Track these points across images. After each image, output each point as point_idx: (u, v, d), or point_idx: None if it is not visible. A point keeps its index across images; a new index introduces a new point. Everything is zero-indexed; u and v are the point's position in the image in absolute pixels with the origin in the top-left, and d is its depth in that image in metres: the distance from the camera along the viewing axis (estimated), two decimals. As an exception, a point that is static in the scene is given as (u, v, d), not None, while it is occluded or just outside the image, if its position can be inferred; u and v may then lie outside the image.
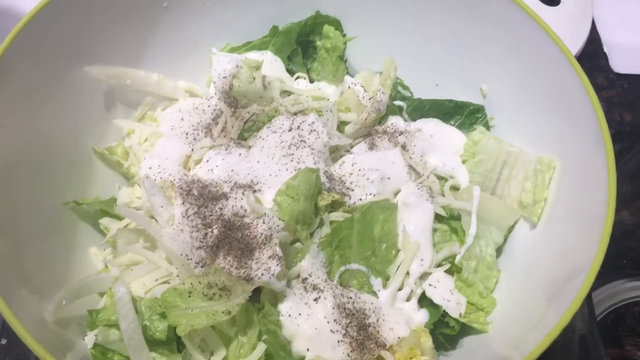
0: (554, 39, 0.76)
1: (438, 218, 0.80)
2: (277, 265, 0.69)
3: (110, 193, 0.84)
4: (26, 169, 0.74)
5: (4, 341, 0.88)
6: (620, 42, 1.23)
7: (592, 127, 0.71)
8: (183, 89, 0.94)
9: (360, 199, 0.79)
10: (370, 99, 0.87)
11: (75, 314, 0.71)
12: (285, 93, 0.92)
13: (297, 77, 0.96)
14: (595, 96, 0.73)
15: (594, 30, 1.24)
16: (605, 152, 0.69)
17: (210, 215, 0.75)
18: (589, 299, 0.69)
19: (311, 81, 0.97)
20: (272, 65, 0.95)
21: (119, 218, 0.79)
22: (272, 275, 0.68)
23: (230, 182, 0.79)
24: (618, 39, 1.23)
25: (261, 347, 0.68)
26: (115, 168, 0.84)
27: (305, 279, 0.73)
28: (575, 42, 1.17)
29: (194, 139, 0.86)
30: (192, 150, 0.84)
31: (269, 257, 0.70)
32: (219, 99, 0.90)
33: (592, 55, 1.22)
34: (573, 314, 0.60)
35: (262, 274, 0.68)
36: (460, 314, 0.74)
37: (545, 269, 0.73)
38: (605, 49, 1.23)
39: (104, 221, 0.80)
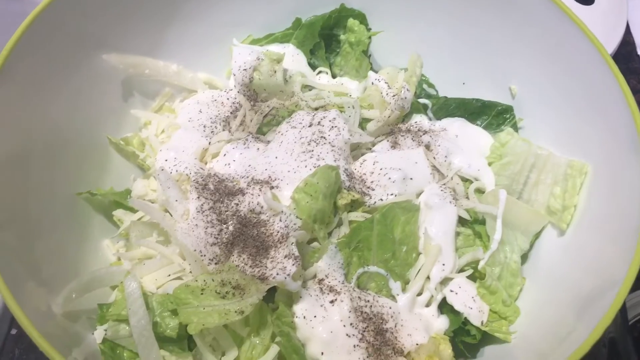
0: (590, 37, 0.73)
1: (461, 221, 0.77)
2: (293, 265, 0.66)
3: (124, 184, 0.82)
4: (40, 158, 0.73)
5: (14, 331, 0.87)
6: (654, 45, 1.18)
7: (628, 131, 0.68)
8: (202, 80, 0.92)
9: (381, 199, 0.76)
10: (394, 95, 0.84)
11: (85, 307, 0.69)
12: (307, 88, 0.89)
13: (319, 72, 0.94)
14: (632, 98, 0.69)
15: (627, 33, 1.19)
16: (642, 158, 0.66)
17: (226, 211, 0.73)
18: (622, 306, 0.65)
19: (333, 76, 0.95)
20: (293, 58, 0.92)
21: (133, 210, 0.78)
22: (288, 275, 0.66)
23: (247, 177, 0.76)
24: (652, 41, 1.18)
25: (274, 349, 0.65)
26: (130, 159, 0.83)
27: (322, 280, 0.70)
28: (609, 44, 1.13)
29: (212, 132, 0.84)
30: (209, 143, 0.82)
31: (285, 257, 0.67)
32: (238, 92, 0.88)
33: (626, 58, 1.18)
34: (605, 329, 0.57)
35: (278, 274, 0.65)
36: (482, 322, 0.71)
37: (574, 279, 0.69)
38: (639, 51, 1.18)
39: (118, 213, 0.79)
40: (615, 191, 0.69)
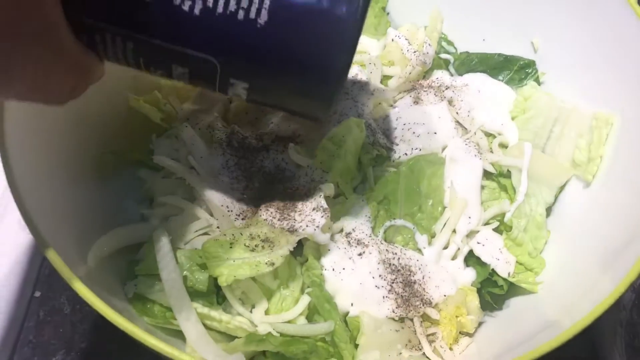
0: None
1: (486, 175, 0.76)
2: (322, 217, 0.66)
3: (146, 145, 0.82)
4: (68, 120, 0.73)
5: (37, 294, 0.88)
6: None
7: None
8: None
9: (406, 154, 0.76)
10: (415, 52, 0.83)
11: (115, 263, 0.69)
12: (326, 46, 0.89)
13: (337, 31, 0.93)
14: (661, 44, 0.68)
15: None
16: (671, 106, 0.65)
17: (251, 167, 0.73)
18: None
19: (351, 35, 0.94)
20: (311, 18, 0.91)
21: (157, 169, 0.77)
22: (317, 227, 0.66)
23: (272, 134, 0.76)
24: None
25: (305, 300, 0.66)
26: (153, 118, 0.82)
27: (349, 233, 0.70)
28: None
29: (233, 90, 0.83)
30: (231, 102, 0.82)
31: (314, 209, 0.67)
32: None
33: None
34: (631, 282, 0.57)
35: (307, 226, 0.66)
36: (509, 273, 0.71)
37: (599, 232, 0.69)
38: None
39: (142, 173, 0.78)
40: (643, 140, 0.69)
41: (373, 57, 0.84)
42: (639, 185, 0.66)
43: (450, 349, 0.68)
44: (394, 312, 0.67)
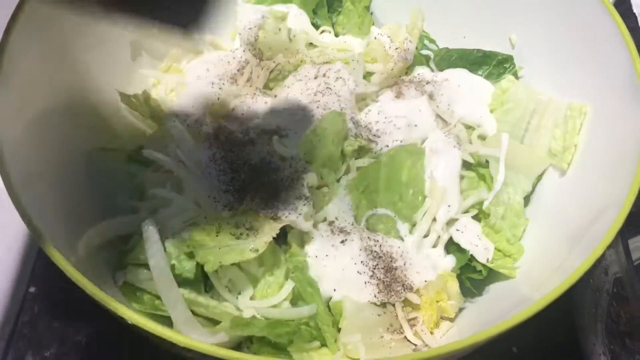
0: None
1: (466, 165, 0.79)
2: (304, 205, 0.69)
3: (137, 141, 0.84)
4: (58, 116, 0.75)
5: (32, 289, 0.89)
6: (651, 2, 1.20)
7: (627, 72, 0.70)
8: (208, 42, 0.94)
9: (387, 146, 0.78)
10: (396, 48, 0.86)
11: (105, 254, 0.71)
12: (311, 46, 0.91)
13: (322, 31, 0.96)
14: (631, 40, 0.71)
15: (624, -10, 1.21)
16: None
17: (237, 160, 0.75)
18: (625, 245, 0.68)
19: (336, 35, 0.96)
20: (297, 18, 0.94)
21: (146, 164, 0.80)
22: (300, 214, 0.68)
23: (257, 128, 0.79)
24: (649, -2, 1.20)
25: (289, 285, 0.68)
26: (142, 115, 0.85)
27: (332, 222, 0.73)
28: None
29: (220, 88, 0.86)
30: (218, 98, 0.84)
31: (296, 198, 0.70)
32: (244, 51, 0.90)
33: (622, 16, 1.18)
34: (598, 257, 0.59)
35: (290, 213, 0.68)
36: (487, 259, 0.73)
37: (573, 214, 0.72)
38: (635, 10, 1.19)
39: (132, 167, 0.81)
40: (614, 129, 0.72)
41: (356, 54, 0.87)
42: (607, 170, 0.69)
43: (431, 332, 0.70)
44: (375, 297, 0.69)
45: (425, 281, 0.71)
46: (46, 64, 0.74)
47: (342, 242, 0.71)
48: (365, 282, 0.69)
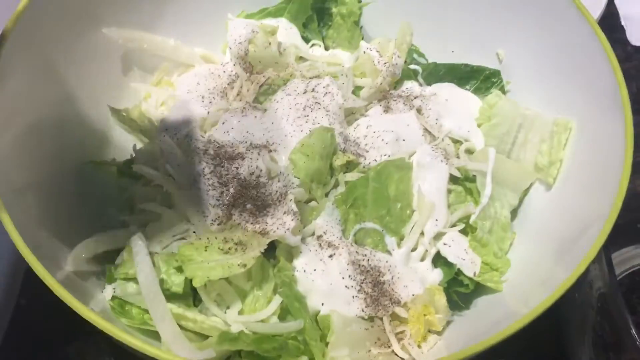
0: (576, 2, 0.76)
1: (453, 180, 0.80)
2: (292, 220, 0.69)
3: (127, 155, 0.85)
4: (47, 131, 0.76)
5: (23, 301, 0.89)
6: (637, 15, 1.21)
7: (611, 88, 0.71)
8: (199, 55, 0.95)
9: (375, 160, 0.79)
10: (385, 63, 0.87)
11: (94, 268, 0.72)
12: (301, 59, 0.92)
13: (312, 45, 0.97)
14: (614, 57, 0.72)
15: (611, 3, 1.22)
16: (624, 112, 0.69)
17: (227, 174, 0.76)
18: (608, 259, 0.69)
19: (326, 48, 0.97)
20: (287, 32, 0.95)
21: (136, 178, 0.80)
22: (288, 229, 0.69)
23: (246, 142, 0.79)
24: (635, 11, 1.21)
25: (277, 300, 0.68)
26: (132, 129, 0.85)
27: (320, 236, 0.73)
28: (592, 14, 1.15)
29: (210, 102, 0.87)
30: (208, 113, 0.85)
31: (284, 213, 0.70)
32: (234, 65, 0.91)
33: (610, 28, 1.21)
34: (582, 272, 0.60)
35: (278, 228, 0.69)
36: (474, 273, 0.74)
37: (558, 228, 0.73)
38: (623, 22, 1.21)
39: (122, 181, 0.81)
40: (599, 144, 0.73)
41: (345, 68, 0.88)
42: (591, 185, 0.70)
43: (419, 346, 0.71)
44: (363, 311, 0.69)
45: (413, 295, 0.72)
46: (36, 78, 0.74)
47: (330, 256, 0.72)
48: (353, 296, 0.70)
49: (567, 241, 0.67)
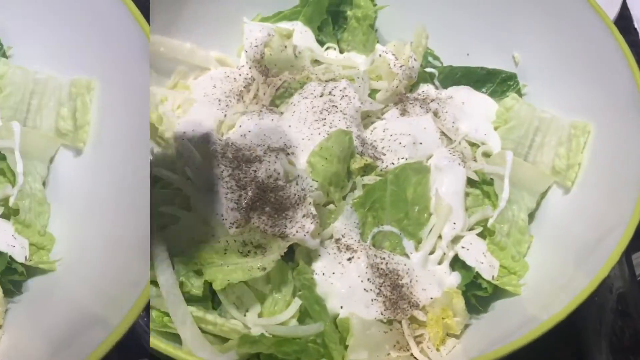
0: (591, 3, 0.76)
1: (470, 183, 0.80)
2: (312, 223, 0.70)
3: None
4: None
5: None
6: (652, 18, 1.21)
7: (629, 90, 0.71)
8: (214, 58, 0.95)
9: (392, 163, 0.79)
10: (401, 66, 0.87)
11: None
12: (316, 63, 0.93)
13: (327, 48, 0.97)
14: (632, 59, 0.72)
15: (624, 7, 1.22)
16: (642, 115, 0.69)
17: (245, 178, 0.76)
18: (628, 259, 0.68)
19: (341, 52, 0.98)
20: (302, 35, 0.95)
21: (155, 181, 0.80)
22: (307, 232, 0.69)
23: (264, 145, 0.79)
24: (649, 14, 1.21)
25: (296, 303, 0.69)
26: (151, 132, 0.85)
27: (339, 239, 0.73)
28: (606, 16, 1.16)
29: (227, 105, 0.87)
30: (225, 116, 0.85)
31: (303, 216, 0.70)
32: (250, 68, 0.91)
33: (623, 31, 1.19)
34: (604, 277, 0.60)
35: (297, 232, 0.69)
36: (492, 277, 0.74)
37: (578, 232, 0.73)
38: (636, 25, 1.21)
39: (140, 184, 0.81)
40: (618, 147, 0.73)
41: (361, 72, 0.88)
42: (611, 188, 0.69)
43: (437, 349, 0.71)
44: (382, 314, 0.69)
45: (431, 298, 0.72)
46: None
47: (349, 259, 0.72)
48: (372, 300, 0.70)
49: (588, 245, 0.67)
